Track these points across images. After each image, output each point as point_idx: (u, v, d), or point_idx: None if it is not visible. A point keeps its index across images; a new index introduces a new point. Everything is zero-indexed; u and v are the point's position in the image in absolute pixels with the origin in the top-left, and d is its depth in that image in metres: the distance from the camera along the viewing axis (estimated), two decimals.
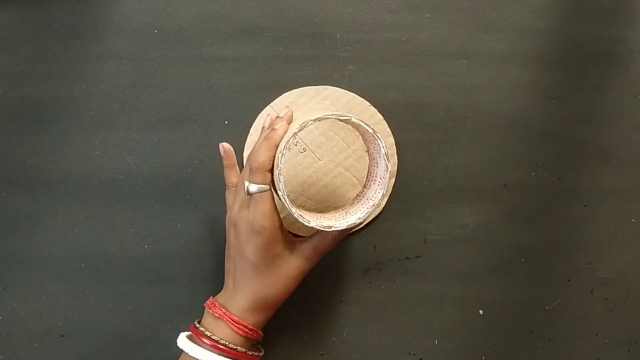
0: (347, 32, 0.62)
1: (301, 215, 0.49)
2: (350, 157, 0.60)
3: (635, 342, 0.61)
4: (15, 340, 0.58)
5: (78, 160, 0.60)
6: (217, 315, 0.50)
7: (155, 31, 0.61)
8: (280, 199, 0.49)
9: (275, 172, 0.49)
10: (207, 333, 0.50)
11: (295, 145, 0.60)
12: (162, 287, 0.59)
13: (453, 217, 0.61)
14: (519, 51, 0.63)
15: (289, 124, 0.52)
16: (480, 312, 0.60)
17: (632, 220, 0.62)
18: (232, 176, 0.55)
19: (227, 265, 0.53)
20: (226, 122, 0.61)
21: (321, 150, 0.60)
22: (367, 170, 0.59)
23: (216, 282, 0.59)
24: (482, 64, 0.63)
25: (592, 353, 0.60)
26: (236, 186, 0.54)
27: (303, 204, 0.60)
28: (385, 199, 0.56)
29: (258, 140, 0.53)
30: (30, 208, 0.59)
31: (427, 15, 0.63)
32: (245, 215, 0.50)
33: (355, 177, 0.60)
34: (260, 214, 0.49)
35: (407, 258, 0.57)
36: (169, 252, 0.59)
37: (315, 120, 0.49)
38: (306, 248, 0.52)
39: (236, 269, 0.52)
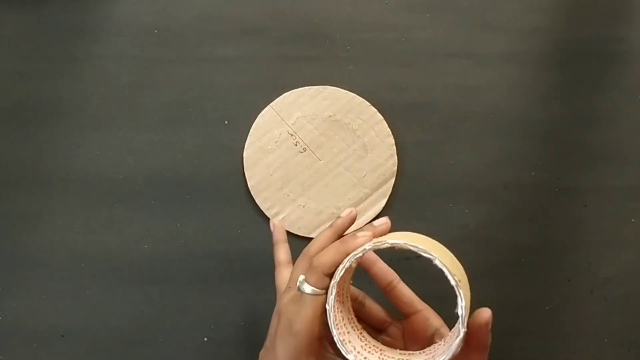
0: (347, 32, 0.62)
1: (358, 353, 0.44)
2: (350, 157, 0.60)
3: (635, 342, 0.61)
4: (15, 340, 0.58)
5: (78, 160, 0.60)
6: None
7: (155, 31, 0.61)
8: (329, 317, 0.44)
9: (331, 282, 0.44)
10: None
11: (295, 145, 0.60)
12: (162, 287, 0.59)
13: (453, 217, 0.61)
14: (519, 51, 0.63)
15: (375, 237, 0.46)
16: None
17: (632, 220, 0.62)
18: (281, 253, 0.52)
19: (261, 354, 0.50)
20: (226, 122, 0.61)
21: (321, 150, 0.60)
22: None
23: (216, 282, 0.59)
24: (482, 64, 0.63)
25: (592, 353, 0.60)
26: (286, 265, 0.51)
27: (303, 204, 0.60)
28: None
29: (326, 232, 0.49)
30: (30, 208, 0.59)
31: (427, 15, 0.63)
32: (290, 310, 0.46)
33: (355, 177, 0.60)
34: (302, 317, 0.45)
35: (407, 258, 0.57)
36: (169, 252, 0.59)
37: (393, 243, 0.43)
38: None
39: None
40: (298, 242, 0.59)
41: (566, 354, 0.60)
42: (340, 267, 0.43)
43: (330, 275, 0.44)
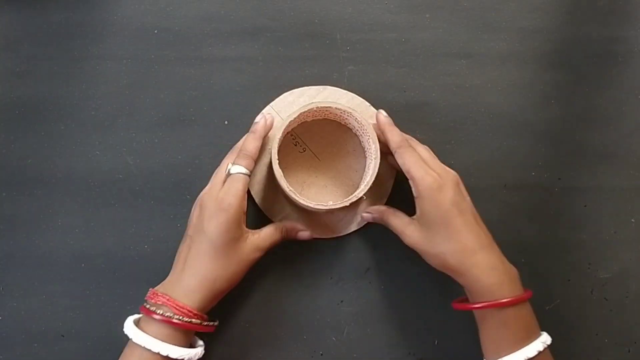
0: (347, 32, 0.62)
1: (295, 193, 0.54)
2: (349, 156, 0.60)
3: (635, 342, 0.61)
4: (16, 340, 0.58)
5: (78, 160, 0.60)
6: (160, 303, 0.50)
7: (155, 31, 0.61)
8: (275, 169, 0.54)
9: (274, 162, 0.54)
10: (158, 311, 0.49)
11: (295, 145, 0.60)
12: None
13: None
14: (519, 51, 0.63)
15: (269, 123, 0.57)
16: None
17: (632, 220, 0.62)
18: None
19: (180, 248, 0.54)
20: (226, 122, 0.61)
21: (321, 150, 0.60)
22: (365, 170, 0.59)
23: None
24: (482, 64, 0.63)
25: (592, 353, 0.60)
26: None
27: (303, 204, 0.59)
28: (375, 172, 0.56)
29: (249, 136, 0.57)
30: (30, 208, 0.59)
31: (427, 15, 0.63)
32: (215, 192, 0.53)
33: (354, 176, 0.60)
34: (232, 192, 0.52)
35: (408, 258, 0.57)
36: (169, 252, 0.59)
37: (300, 110, 0.55)
38: (258, 238, 0.54)
39: (190, 249, 0.52)
40: (299, 243, 0.58)
41: (566, 354, 0.60)
42: (280, 131, 0.54)
43: (255, 159, 0.55)
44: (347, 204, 0.54)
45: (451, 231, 0.51)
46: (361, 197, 0.55)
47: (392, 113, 0.59)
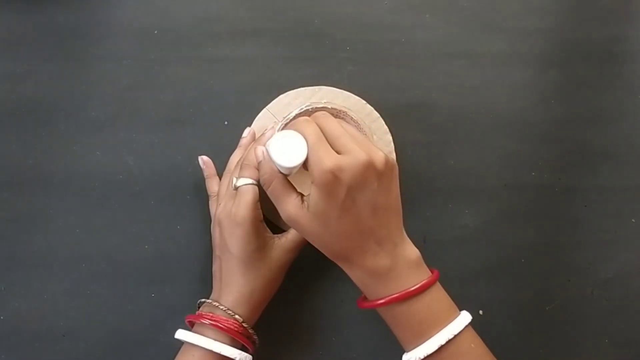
0: (347, 33, 0.62)
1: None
2: None
3: (635, 342, 0.61)
4: (16, 340, 0.58)
5: (78, 160, 0.60)
6: (206, 323, 0.51)
7: (155, 32, 0.62)
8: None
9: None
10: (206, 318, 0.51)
11: None
12: (162, 287, 0.59)
13: (453, 217, 0.61)
14: (519, 51, 0.63)
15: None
16: (480, 312, 0.60)
17: (632, 220, 0.62)
18: (213, 185, 0.58)
19: (213, 269, 0.55)
20: (226, 123, 0.61)
21: None
22: None
23: None
24: (482, 64, 0.63)
25: (592, 353, 0.60)
26: (217, 194, 0.56)
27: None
28: None
29: (236, 151, 0.58)
30: (30, 208, 0.59)
31: (427, 16, 0.63)
32: (228, 208, 0.52)
33: None
34: (243, 205, 0.52)
35: None
36: (169, 252, 0.59)
37: (296, 112, 0.55)
38: (285, 241, 0.54)
39: (222, 269, 0.53)
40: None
41: (566, 354, 0.60)
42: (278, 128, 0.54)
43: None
44: None
45: (339, 229, 0.46)
46: None
47: (391, 113, 0.59)
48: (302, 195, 0.48)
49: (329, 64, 0.62)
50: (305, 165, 0.46)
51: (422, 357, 0.46)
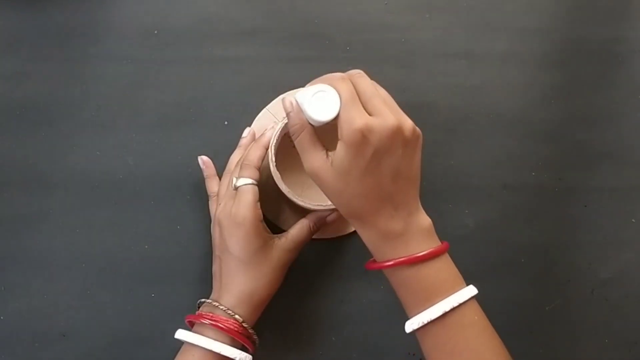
0: (347, 33, 0.62)
1: (294, 195, 0.53)
2: None
3: (635, 343, 0.61)
4: (17, 340, 0.58)
5: (78, 160, 0.60)
6: (206, 323, 0.51)
7: (156, 32, 0.61)
8: (272, 170, 0.53)
9: (271, 164, 0.54)
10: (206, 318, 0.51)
11: (294, 147, 0.60)
12: (163, 287, 0.59)
13: (453, 217, 0.61)
14: (519, 51, 0.63)
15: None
16: None
17: (632, 220, 0.62)
18: (213, 185, 0.58)
19: (213, 269, 0.55)
20: (226, 123, 0.61)
21: None
22: None
23: None
24: (482, 64, 0.63)
25: (592, 353, 0.60)
26: (217, 194, 0.56)
27: (303, 205, 0.59)
28: None
29: (236, 151, 0.58)
30: (30, 208, 0.59)
31: (427, 16, 0.63)
32: (228, 208, 0.53)
33: None
34: (243, 205, 0.52)
35: None
36: (169, 252, 0.59)
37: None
38: (285, 242, 0.54)
39: (222, 269, 0.53)
40: None
41: (566, 354, 0.60)
42: (272, 144, 0.54)
43: (259, 169, 0.54)
44: None
45: (361, 189, 0.45)
46: None
47: None
48: (327, 150, 0.47)
49: (329, 64, 0.61)
50: (333, 121, 0.46)
51: (425, 322, 0.46)
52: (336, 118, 0.45)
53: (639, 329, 0.60)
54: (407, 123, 0.46)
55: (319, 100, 0.45)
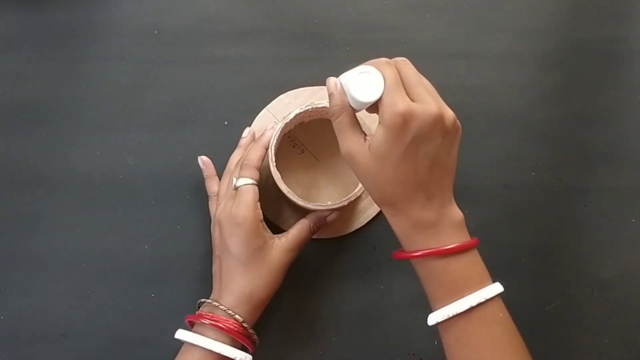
0: (347, 33, 0.62)
1: (294, 195, 0.53)
2: None
3: (635, 343, 0.61)
4: (16, 340, 0.58)
5: (78, 160, 0.60)
6: (206, 323, 0.51)
7: (155, 32, 0.62)
8: (273, 172, 0.54)
9: (271, 164, 0.54)
10: (206, 318, 0.51)
11: (294, 147, 0.60)
12: (162, 287, 0.59)
13: None
14: (519, 51, 0.63)
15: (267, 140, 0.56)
16: None
17: (632, 220, 0.62)
18: (213, 185, 0.58)
19: (213, 269, 0.55)
20: (226, 123, 0.61)
21: (319, 150, 0.60)
22: None
23: None
24: (482, 64, 0.63)
25: (592, 353, 0.60)
26: (217, 194, 0.56)
27: (303, 205, 0.59)
28: None
29: (236, 151, 0.58)
30: (30, 208, 0.59)
31: (427, 16, 0.63)
32: (228, 208, 0.53)
33: (354, 176, 0.60)
34: (243, 205, 0.52)
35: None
36: (168, 252, 0.59)
37: (296, 111, 0.54)
38: (285, 242, 0.54)
39: (221, 269, 0.53)
40: None
41: (566, 354, 0.60)
42: (271, 145, 0.54)
43: (259, 169, 0.54)
44: (346, 203, 0.54)
45: (396, 174, 0.45)
46: (360, 196, 0.55)
47: None
48: (365, 135, 0.47)
49: (329, 64, 0.62)
50: (375, 105, 0.45)
51: (450, 315, 0.45)
52: (378, 101, 0.45)
53: (639, 329, 0.60)
54: (449, 113, 0.46)
55: (363, 81, 0.45)
